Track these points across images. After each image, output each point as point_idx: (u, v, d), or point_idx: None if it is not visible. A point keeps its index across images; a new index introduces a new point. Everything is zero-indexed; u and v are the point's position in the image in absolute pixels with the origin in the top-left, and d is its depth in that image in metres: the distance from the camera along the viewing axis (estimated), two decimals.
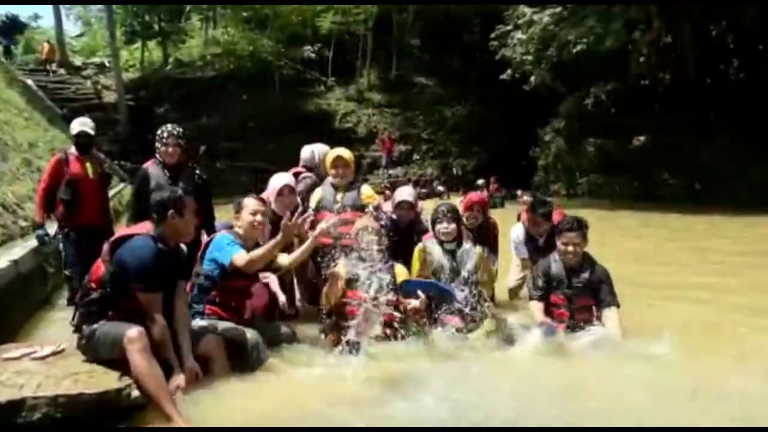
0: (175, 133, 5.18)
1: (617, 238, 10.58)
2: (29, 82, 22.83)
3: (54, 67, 26.84)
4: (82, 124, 5.82)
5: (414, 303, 4.31)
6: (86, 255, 5.14)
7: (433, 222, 4.78)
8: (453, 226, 4.67)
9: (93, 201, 5.76)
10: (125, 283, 3.42)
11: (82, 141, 5.75)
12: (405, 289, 4.37)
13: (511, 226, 5.99)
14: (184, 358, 3.50)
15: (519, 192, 19.29)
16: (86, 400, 3.00)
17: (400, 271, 4.55)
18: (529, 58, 20.17)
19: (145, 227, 3.61)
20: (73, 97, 24.85)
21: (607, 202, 17.97)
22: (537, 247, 5.58)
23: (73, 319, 4.74)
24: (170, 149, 5.14)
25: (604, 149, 20.29)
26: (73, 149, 5.81)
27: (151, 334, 3.33)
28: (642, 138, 19.50)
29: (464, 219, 5.31)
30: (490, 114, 24.49)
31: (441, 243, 4.71)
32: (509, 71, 21.20)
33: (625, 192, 19.17)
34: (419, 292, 4.35)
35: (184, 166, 5.27)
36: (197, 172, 5.37)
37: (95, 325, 3.42)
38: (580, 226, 4.51)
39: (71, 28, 41.72)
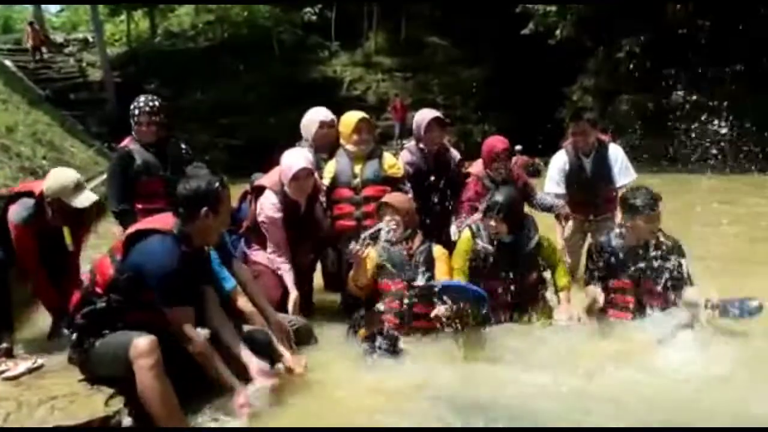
0: (148, 108, 4.75)
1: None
2: (8, 63, 22.47)
3: (44, 50, 25.96)
4: None
5: (440, 309, 3.84)
6: None
7: (485, 211, 4.36)
8: (504, 227, 4.24)
9: None
10: (141, 291, 2.93)
11: None
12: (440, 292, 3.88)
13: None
14: (250, 367, 3.08)
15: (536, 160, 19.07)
16: None
17: (440, 254, 4.16)
18: (553, 9, 19.56)
19: (167, 221, 3.06)
20: (56, 77, 24.56)
21: (644, 163, 17.40)
22: (584, 179, 5.31)
23: (51, 335, 4.32)
24: (143, 128, 4.75)
25: (640, 106, 19.64)
26: None
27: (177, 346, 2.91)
28: (681, 93, 18.88)
29: (491, 172, 4.94)
30: (511, 74, 23.81)
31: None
32: (531, 25, 20.59)
33: (665, 151, 18.60)
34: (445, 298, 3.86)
35: (166, 140, 4.89)
36: (183, 146, 4.99)
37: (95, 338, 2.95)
38: (657, 203, 4.01)
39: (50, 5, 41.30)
